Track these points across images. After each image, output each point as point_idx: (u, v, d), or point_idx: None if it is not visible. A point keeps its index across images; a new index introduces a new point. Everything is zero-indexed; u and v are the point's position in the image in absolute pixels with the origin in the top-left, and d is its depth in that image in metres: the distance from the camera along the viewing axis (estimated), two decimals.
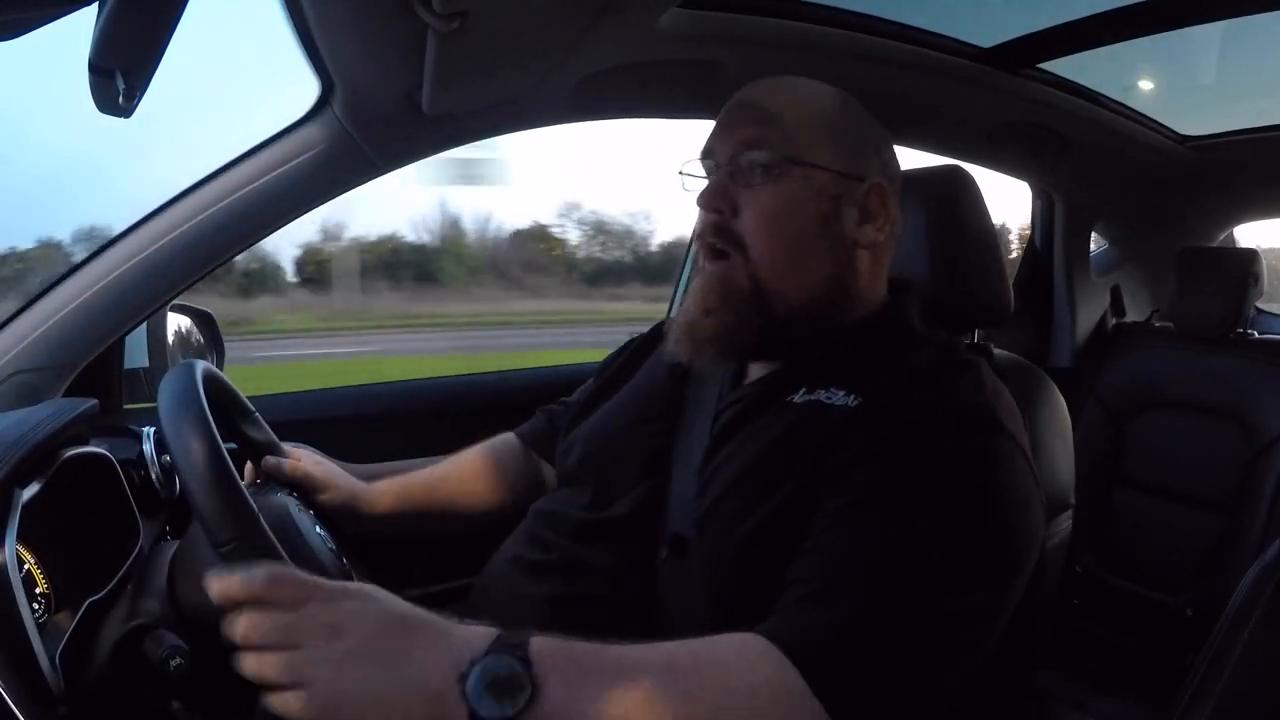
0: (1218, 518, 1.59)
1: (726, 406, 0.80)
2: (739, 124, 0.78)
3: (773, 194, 0.75)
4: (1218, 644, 0.64)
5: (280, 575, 0.55)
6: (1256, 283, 1.64)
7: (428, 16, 0.73)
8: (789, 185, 0.75)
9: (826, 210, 0.76)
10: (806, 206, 0.75)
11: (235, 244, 1.11)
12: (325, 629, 0.53)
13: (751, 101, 0.79)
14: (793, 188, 0.75)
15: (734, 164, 0.76)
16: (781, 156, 0.75)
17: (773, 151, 0.75)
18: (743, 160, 0.76)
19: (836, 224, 0.76)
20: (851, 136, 0.78)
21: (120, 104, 0.69)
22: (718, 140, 0.79)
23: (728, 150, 0.77)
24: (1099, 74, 1.45)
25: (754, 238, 0.75)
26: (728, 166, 0.77)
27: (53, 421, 0.79)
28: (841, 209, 0.76)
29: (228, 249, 1.11)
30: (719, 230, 0.76)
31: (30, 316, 1.06)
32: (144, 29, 0.63)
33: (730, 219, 0.76)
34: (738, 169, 0.76)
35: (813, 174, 0.75)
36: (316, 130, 1.08)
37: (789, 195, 0.75)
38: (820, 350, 0.77)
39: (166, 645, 0.71)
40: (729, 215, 0.76)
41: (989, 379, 0.73)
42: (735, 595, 0.69)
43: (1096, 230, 1.93)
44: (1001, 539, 0.64)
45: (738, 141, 0.76)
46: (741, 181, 0.76)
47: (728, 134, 0.78)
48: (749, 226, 0.75)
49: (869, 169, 0.78)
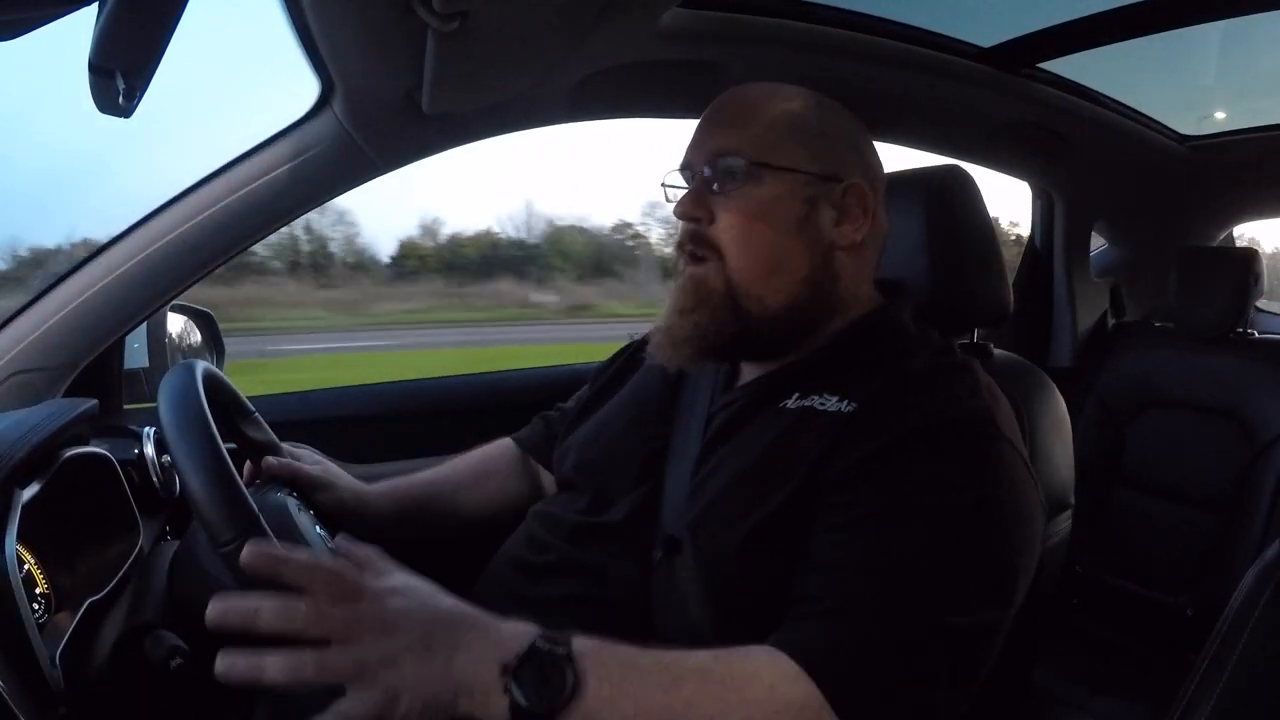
0: (1218, 518, 1.59)
1: (719, 410, 0.80)
2: (711, 134, 0.79)
3: (745, 199, 0.76)
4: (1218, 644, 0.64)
5: (339, 571, 0.57)
6: (1256, 283, 1.64)
7: (428, 16, 0.73)
8: (762, 190, 0.76)
9: (801, 213, 0.76)
10: (780, 210, 0.76)
11: (235, 244, 1.11)
12: (380, 625, 0.55)
13: (723, 110, 0.80)
14: (766, 192, 0.76)
15: (708, 173, 0.77)
16: (753, 162, 0.76)
17: (743, 157, 0.76)
18: (716, 168, 0.77)
19: (813, 226, 0.77)
20: (825, 138, 0.79)
21: (120, 104, 0.69)
22: (693, 151, 0.80)
23: (701, 160, 0.78)
24: (1099, 74, 1.46)
25: (729, 243, 0.76)
26: (702, 175, 0.78)
27: (53, 421, 0.79)
28: (818, 211, 0.77)
29: (228, 249, 1.11)
30: (696, 238, 0.77)
31: (30, 316, 1.06)
32: (144, 29, 0.63)
33: (707, 226, 0.77)
34: (712, 177, 0.77)
35: (785, 177, 0.76)
36: (316, 130, 1.08)
37: (762, 199, 0.76)
38: (812, 354, 0.78)
39: (166, 645, 0.71)
40: (706, 223, 0.77)
41: (985, 382, 0.73)
42: (729, 598, 0.69)
43: (1096, 230, 1.93)
44: (1004, 548, 0.65)
45: (710, 150, 0.78)
46: (716, 189, 0.77)
47: (701, 144, 0.79)
48: (724, 232, 0.76)
49: (846, 169, 0.78)
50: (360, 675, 0.54)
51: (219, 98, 17.39)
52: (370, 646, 0.55)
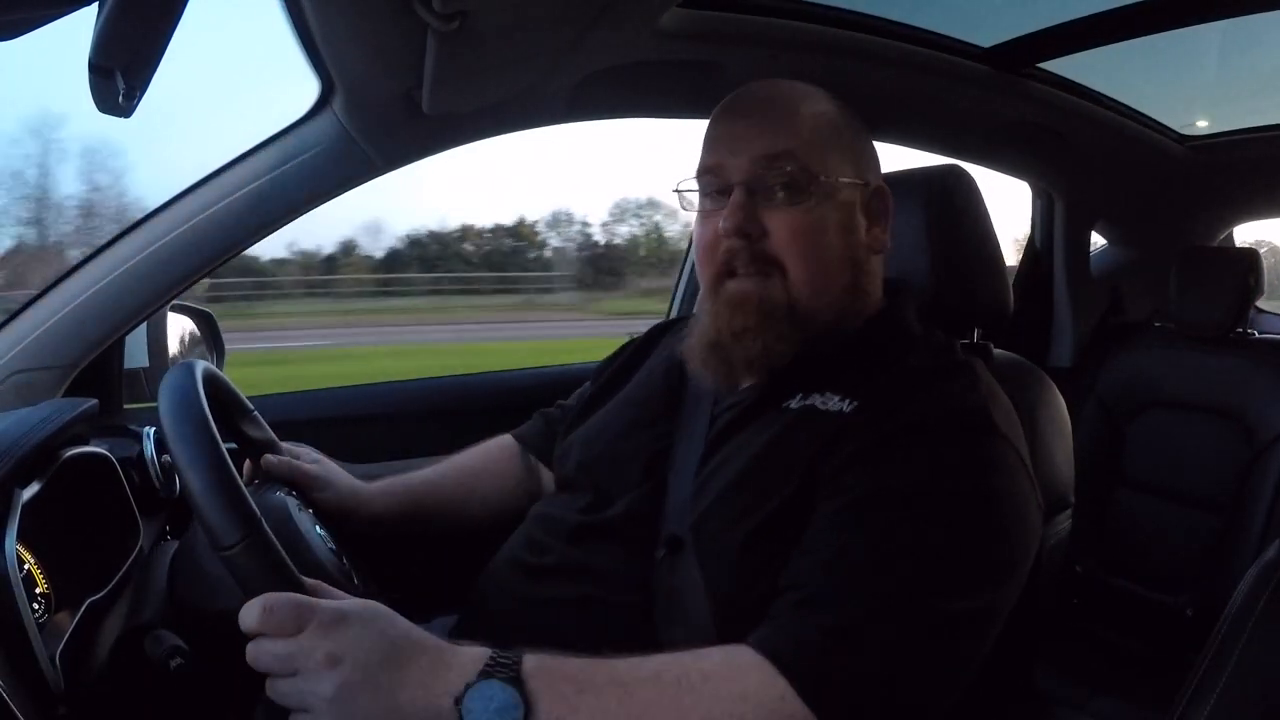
0: (1218, 518, 1.59)
1: (724, 410, 0.80)
2: (748, 138, 0.75)
3: (803, 213, 0.73)
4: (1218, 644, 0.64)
5: (274, 604, 0.57)
6: (1257, 283, 1.64)
7: (428, 16, 0.73)
8: (815, 201, 0.73)
9: (846, 221, 0.75)
10: (832, 221, 0.74)
11: (235, 244, 1.11)
12: (324, 658, 0.55)
13: (759, 111, 0.76)
14: (818, 204, 0.74)
15: (751, 181, 0.73)
16: (804, 171, 0.73)
17: (795, 166, 0.73)
18: (763, 178, 0.73)
19: (854, 233, 0.76)
20: (855, 141, 0.78)
21: (120, 104, 0.69)
22: (724, 157, 0.75)
23: (741, 167, 0.74)
24: (1099, 74, 1.46)
25: (793, 257, 0.73)
26: (745, 185, 0.73)
27: (53, 421, 0.79)
28: (856, 217, 0.76)
29: (228, 249, 1.11)
30: (754, 255, 0.73)
31: (30, 316, 1.06)
32: (144, 29, 0.63)
33: (759, 241, 0.73)
34: (757, 187, 0.73)
35: (834, 184, 0.74)
36: (316, 130, 1.08)
37: (818, 213, 0.73)
38: (818, 355, 0.77)
39: (166, 645, 0.71)
40: (757, 237, 0.73)
41: (984, 380, 0.73)
42: (733, 597, 0.69)
43: (1096, 230, 1.93)
44: (994, 543, 0.64)
45: (753, 156, 0.73)
46: (764, 200, 0.73)
47: (737, 150, 0.75)
48: (784, 248, 0.73)
49: (870, 172, 0.78)
50: (305, 707, 0.55)
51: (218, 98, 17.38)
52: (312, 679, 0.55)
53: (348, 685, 0.55)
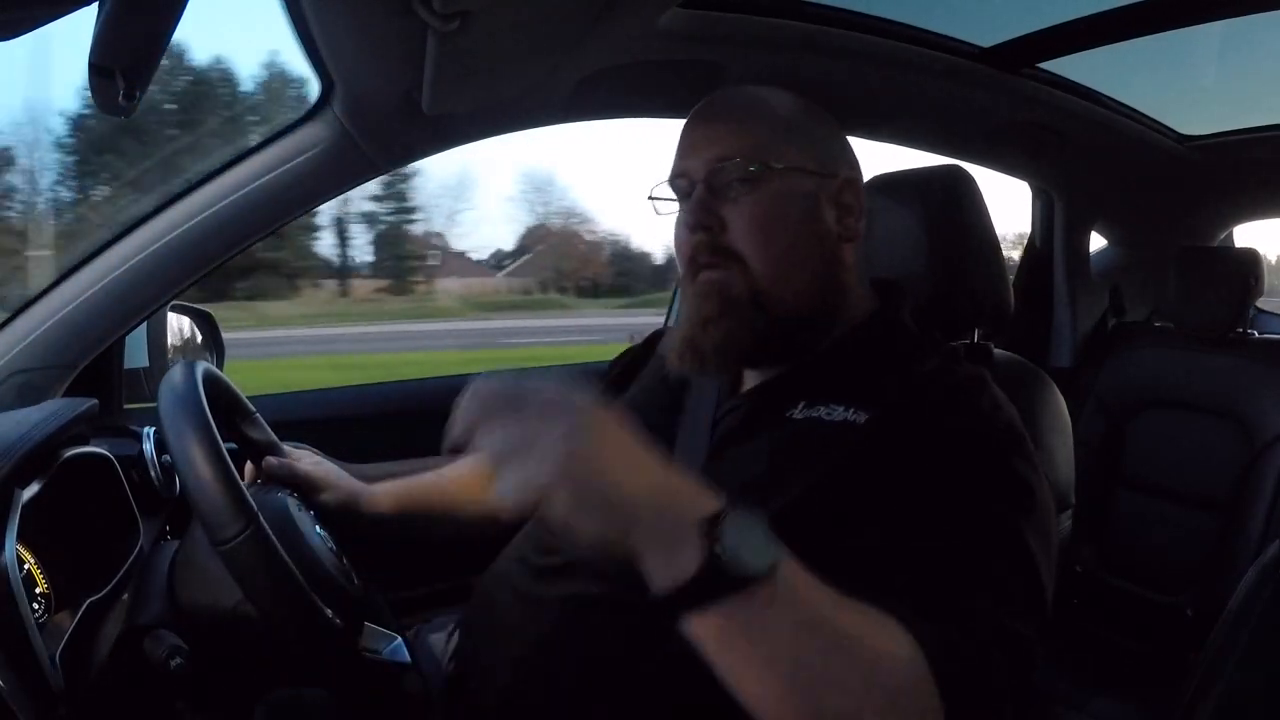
0: (1218, 518, 1.59)
1: (724, 415, 0.80)
2: (707, 140, 0.77)
3: (756, 201, 0.75)
4: (1218, 644, 0.64)
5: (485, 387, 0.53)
6: (1257, 283, 1.64)
7: (428, 16, 0.73)
8: (769, 190, 0.75)
9: (809, 209, 0.76)
10: (790, 207, 0.76)
11: (235, 244, 1.11)
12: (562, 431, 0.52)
13: (712, 117, 0.79)
14: (773, 192, 0.75)
15: (710, 179, 0.76)
16: (756, 163, 0.75)
17: (746, 160, 0.75)
18: (720, 174, 0.75)
19: (820, 221, 0.77)
20: (816, 134, 0.79)
21: (120, 103, 0.69)
22: (687, 161, 0.78)
23: (701, 168, 0.76)
24: (1099, 74, 1.46)
25: (748, 246, 0.75)
26: (705, 183, 0.76)
27: (53, 421, 0.79)
28: (821, 206, 0.77)
29: (228, 249, 1.11)
30: (712, 247, 0.76)
31: (30, 316, 1.06)
32: (144, 29, 0.63)
33: (720, 234, 0.76)
34: (716, 184, 0.76)
35: (789, 175, 0.76)
36: (316, 130, 1.08)
37: (772, 200, 0.75)
38: (814, 359, 0.77)
39: (166, 645, 0.71)
40: (718, 231, 0.76)
41: (999, 391, 0.73)
42: None
43: (1096, 230, 1.93)
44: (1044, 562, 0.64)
45: (710, 158, 0.76)
46: (722, 195, 0.76)
47: (697, 153, 0.77)
48: (741, 237, 0.75)
49: (838, 164, 0.79)
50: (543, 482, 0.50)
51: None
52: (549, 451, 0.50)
53: (616, 462, 0.53)
